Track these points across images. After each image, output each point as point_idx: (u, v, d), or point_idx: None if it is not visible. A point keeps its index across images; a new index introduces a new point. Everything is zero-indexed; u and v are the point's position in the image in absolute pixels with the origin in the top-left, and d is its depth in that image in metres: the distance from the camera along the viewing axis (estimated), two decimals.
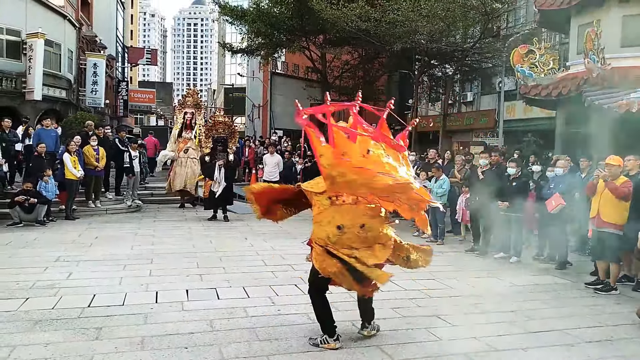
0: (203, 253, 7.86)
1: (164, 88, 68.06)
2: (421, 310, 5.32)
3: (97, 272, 6.48)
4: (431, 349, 4.25)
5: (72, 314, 4.82)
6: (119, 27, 38.98)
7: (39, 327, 4.49)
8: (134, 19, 60.27)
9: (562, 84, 10.52)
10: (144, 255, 7.60)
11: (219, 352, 4.05)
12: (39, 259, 7.07)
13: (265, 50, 23.87)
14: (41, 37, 19.13)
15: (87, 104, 25.21)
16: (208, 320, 4.75)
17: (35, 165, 10.54)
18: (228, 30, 52.30)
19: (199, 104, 14.86)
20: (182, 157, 13.54)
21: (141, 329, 4.49)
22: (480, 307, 5.52)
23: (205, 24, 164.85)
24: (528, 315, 5.27)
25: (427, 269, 7.28)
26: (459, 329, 4.77)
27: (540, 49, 11.81)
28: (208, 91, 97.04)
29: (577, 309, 5.61)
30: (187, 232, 9.90)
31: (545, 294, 6.18)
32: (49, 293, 5.49)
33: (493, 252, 8.47)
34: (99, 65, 25.33)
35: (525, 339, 4.55)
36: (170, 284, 6.01)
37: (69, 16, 22.79)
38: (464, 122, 24.58)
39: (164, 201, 14.20)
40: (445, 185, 9.36)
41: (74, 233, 9.24)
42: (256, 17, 21.03)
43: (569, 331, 4.81)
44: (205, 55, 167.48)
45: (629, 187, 6.19)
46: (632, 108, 7.67)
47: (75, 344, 4.13)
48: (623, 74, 9.80)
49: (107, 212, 11.89)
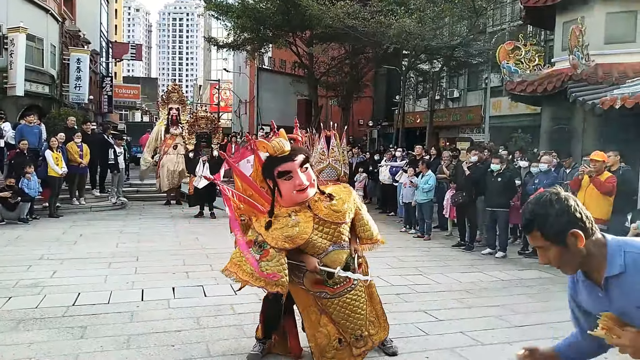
0: (189, 250, 7.81)
1: (149, 83, 67.45)
2: (408, 306, 5.34)
3: (82, 270, 6.41)
4: (418, 344, 4.27)
5: (56, 312, 4.76)
6: (103, 21, 38.41)
7: (23, 326, 4.42)
8: (118, 13, 59.53)
9: (547, 80, 10.61)
10: (129, 252, 7.53)
11: (206, 349, 4.02)
12: (22, 257, 6.96)
13: (251, 46, 23.73)
14: (23, 32, 18.76)
15: (71, 99, 24.85)
16: (195, 318, 4.71)
17: (17, 162, 10.37)
18: (214, 26, 51.87)
19: (183, 100, 14.74)
20: (171, 153, 13.41)
21: (127, 327, 4.44)
22: (467, 301, 5.57)
23: (190, 18, 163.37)
24: (514, 309, 5.32)
25: (414, 264, 7.36)
26: (445, 323, 4.80)
27: (525, 46, 11.90)
28: (194, 86, 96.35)
29: (561, 303, 5.63)
30: (173, 229, 9.82)
31: (530, 288, 6.25)
32: (33, 292, 5.41)
33: (479, 248, 8.56)
34: (82, 60, 24.95)
35: (511, 333, 4.60)
36: (156, 281, 5.97)
37: (51, 10, 22.39)
38: (450, 118, 24.72)
39: (150, 198, 14.07)
40: (431, 181, 9.40)
41: (57, 231, 9.12)
42: (242, 12, 20.87)
43: (554, 324, 4.86)
44: (191, 51, 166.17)
45: (613, 182, 6.28)
46: (615, 104, 7.77)
47: (60, 343, 4.07)
48: (607, 70, 9.92)
49: (91, 210, 11.75)
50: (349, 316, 3.47)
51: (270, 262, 3.15)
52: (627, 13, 10.28)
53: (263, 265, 3.15)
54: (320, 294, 3.42)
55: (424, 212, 9.55)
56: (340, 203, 3.39)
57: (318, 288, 3.40)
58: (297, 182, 3.20)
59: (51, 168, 10.52)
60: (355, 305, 3.48)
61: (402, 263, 7.38)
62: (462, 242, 8.76)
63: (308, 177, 3.26)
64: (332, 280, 3.35)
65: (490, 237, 8.38)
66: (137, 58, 48.35)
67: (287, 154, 3.22)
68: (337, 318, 3.44)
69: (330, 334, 3.44)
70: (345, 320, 3.46)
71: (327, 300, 3.43)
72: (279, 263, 3.16)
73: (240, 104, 38.08)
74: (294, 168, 3.20)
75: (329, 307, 3.44)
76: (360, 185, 13.41)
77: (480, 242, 8.85)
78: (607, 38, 10.39)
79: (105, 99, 35.14)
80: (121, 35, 64.87)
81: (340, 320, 3.45)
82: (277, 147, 3.22)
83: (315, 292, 3.43)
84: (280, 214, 3.28)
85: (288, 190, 3.24)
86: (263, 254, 3.18)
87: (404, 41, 16.37)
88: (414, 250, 8.38)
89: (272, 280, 3.12)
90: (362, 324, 3.51)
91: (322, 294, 3.42)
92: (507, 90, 11.97)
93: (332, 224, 3.32)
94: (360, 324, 3.51)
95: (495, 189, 8.10)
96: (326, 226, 3.31)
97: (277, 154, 3.22)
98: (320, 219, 3.29)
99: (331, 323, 3.45)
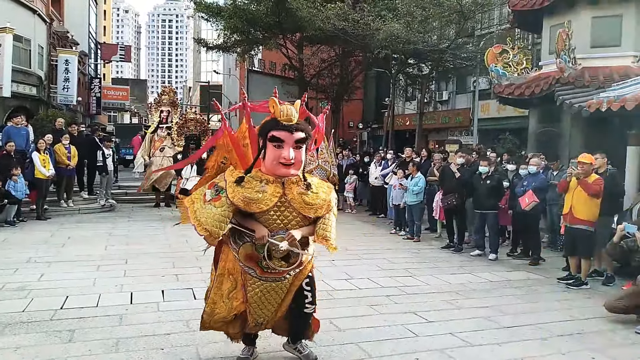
0: (179, 253, 7.76)
1: (138, 85, 67.12)
2: (397, 307, 5.36)
3: (70, 273, 6.34)
4: (408, 345, 4.28)
5: (44, 316, 4.71)
6: (91, 23, 38.11)
7: (9, 330, 4.36)
8: (107, 14, 59.01)
9: (534, 84, 10.71)
10: (118, 255, 7.47)
11: (195, 352, 4.01)
12: (8, 260, 6.87)
13: (241, 47, 23.70)
14: (9, 32, 18.53)
15: (59, 101, 24.61)
16: (184, 321, 4.69)
17: (4, 164, 10.25)
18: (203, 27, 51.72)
19: (174, 102, 14.67)
20: (157, 155, 13.35)
21: (116, 331, 4.41)
22: (456, 303, 5.60)
23: (180, 20, 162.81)
24: (502, 311, 5.36)
25: (403, 265, 7.37)
26: (434, 325, 4.83)
27: (513, 49, 12.02)
28: (184, 88, 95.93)
29: (549, 304, 5.74)
30: (162, 231, 9.76)
31: (519, 290, 6.31)
32: (20, 295, 5.35)
33: (468, 249, 8.61)
34: (70, 61, 24.75)
35: (499, 334, 4.64)
36: (145, 284, 5.93)
37: (39, 11, 22.18)
38: (439, 121, 24.88)
39: (139, 200, 13.96)
40: (420, 183, 9.44)
41: (45, 233, 9.03)
42: (232, 14, 20.85)
43: (542, 325, 4.92)
44: (181, 52, 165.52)
45: (600, 184, 6.35)
46: (601, 107, 7.86)
47: (47, 347, 4.03)
48: (593, 73, 10.05)
49: (79, 212, 11.65)
50: (263, 303, 3.43)
51: (216, 209, 3.16)
52: (613, 17, 10.41)
53: (210, 208, 3.18)
54: (248, 270, 3.36)
55: (414, 214, 9.59)
56: (314, 197, 3.35)
57: (249, 264, 3.34)
58: (283, 154, 3.19)
59: (38, 170, 10.42)
60: (273, 297, 3.44)
61: (392, 265, 7.40)
62: (451, 244, 8.81)
63: (297, 155, 3.23)
64: (265, 263, 3.28)
65: (479, 239, 8.44)
66: (126, 59, 47.90)
67: (290, 124, 3.21)
68: (252, 300, 3.41)
69: (232, 309, 3.42)
70: (257, 305, 3.43)
71: (252, 279, 3.38)
72: (225, 214, 3.16)
73: (230, 105, 38.00)
74: (288, 140, 3.19)
75: (250, 286, 3.39)
76: (351, 187, 13.43)
77: (469, 244, 8.91)
78: (593, 42, 10.51)
79: (94, 101, 34.82)
80: (110, 36, 64.35)
81: (252, 303, 3.41)
82: (284, 112, 3.21)
83: (244, 266, 3.37)
84: (253, 176, 3.28)
85: (272, 158, 3.22)
86: (215, 198, 3.20)
87: (392, 45, 16.44)
88: (403, 252, 8.41)
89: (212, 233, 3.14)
90: (269, 314, 3.49)
91: (250, 270, 3.36)
92: (495, 93, 12.07)
93: (294, 211, 3.29)
94: (268, 314, 3.49)
95: (484, 192, 8.16)
96: (288, 210, 3.28)
97: (281, 119, 3.20)
98: (286, 200, 3.26)
99: (241, 300, 3.41)
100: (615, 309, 5.13)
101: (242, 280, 3.42)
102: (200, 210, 3.21)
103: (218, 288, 3.53)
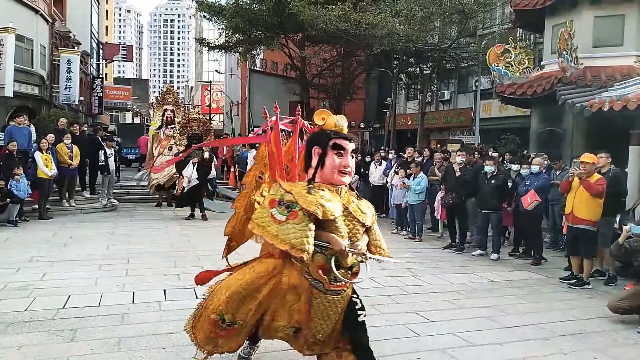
0: (180, 252, 7.78)
1: (140, 85, 67.16)
2: (399, 307, 5.36)
3: (72, 272, 6.36)
4: (409, 345, 4.28)
5: (46, 315, 4.72)
6: (93, 22, 38.17)
7: (12, 329, 4.38)
8: (109, 14, 59.11)
9: (536, 83, 10.70)
10: (120, 255, 7.48)
11: (197, 352, 4.00)
12: (11, 260, 6.89)
13: (243, 47, 23.71)
14: (12, 32, 18.60)
15: (61, 100, 24.67)
16: (186, 320, 4.68)
17: (6, 164, 10.28)
18: (205, 27, 51.71)
19: (178, 102, 14.70)
20: (166, 154, 13.36)
21: (118, 330, 4.42)
22: (458, 302, 5.60)
23: (182, 20, 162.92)
24: (504, 310, 5.36)
25: (405, 265, 7.36)
26: (436, 324, 4.83)
27: (515, 49, 12.00)
28: (185, 88, 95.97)
29: (551, 304, 5.73)
30: (164, 231, 9.78)
31: (520, 289, 6.30)
32: (22, 294, 5.36)
33: (470, 249, 8.61)
34: (72, 61, 24.79)
35: (501, 334, 4.63)
36: (147, 284, 5.93)
37: (41, 11, 22.23)
38: (441, 120, 24.87)
39: (141, 200, 13.99)
40: (423, 183, 9.44)
41: (47, 233, 9.05)
42: (234, 13, 20.86)
43: (544, 325, 4.91)
44: (182, 52, 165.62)
45: (603, 184, 6.34)
46: (603, 107, 7.85)
47: (49, 346, 4.04)
48: (595, 73, 10.03)
49: (81, 212, 11.67)
50: (324, 317, 3.26)
51: (297, 225, 2.96)
52: (615, 17, 10.40)
53: (290, 227, 2.97)
54: (316, 284, 3.20)
55: (416, 214, 9.59)
56: (366, 206, 3.33)
57: (319, 276, 3.16)
58: (345, 162, 3.15)
59: (40, 170, 10.44)
60: (334, 311, 3.27)
61: (393, 264, 7.36)
62: (453, 244, 8.81)
63: (353, 165, 3.23)
64: (332, 274, 3.14)
65: (481, 238, 8.43)
66: (128, 59, 48.09)
67: (345, 133, 3.24)
68: (315, 314, 3.24)
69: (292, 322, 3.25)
70: (320, 319, 3.25)
71: (318, 292, 3.21)
72: (307, 228, 2.96)
73: (231, 105, 37.99)
74: (348, 148, 3.19)
75: (315, 299, 3.22)
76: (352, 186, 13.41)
77: (471, 244, 8.90)
78: (595, 41, 10.51)
79: (96, 100, 34.92)
80: (112, 36, 64.40)
81: (314, 317, 3.24)
82: (338, 123, 3.24)
83: (312, 279, 3.20)
84: (314, 187, 3.16)
85: (332, 166, 3.14)
86: (290, 215, 3.01)
87: (392, 43, 16.43)
88: (405, 252, 8.40)
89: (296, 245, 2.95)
90: (327, 330, 3.29)
91: (317, 284, 3.20)
92: (497, 92, 12.07)
93: (354, 219, 3.21)
94: (326, 330, 3.29)
95: (488, 191, 8.12)
96: (349, 219, 3.19)
97: (337, 129, 3.23)
98: (346, 208, 3.19)
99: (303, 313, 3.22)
100: (619, 309, 5.12)
101: (308, 294, 3.23)
102: (282, 231, 3.02)
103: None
